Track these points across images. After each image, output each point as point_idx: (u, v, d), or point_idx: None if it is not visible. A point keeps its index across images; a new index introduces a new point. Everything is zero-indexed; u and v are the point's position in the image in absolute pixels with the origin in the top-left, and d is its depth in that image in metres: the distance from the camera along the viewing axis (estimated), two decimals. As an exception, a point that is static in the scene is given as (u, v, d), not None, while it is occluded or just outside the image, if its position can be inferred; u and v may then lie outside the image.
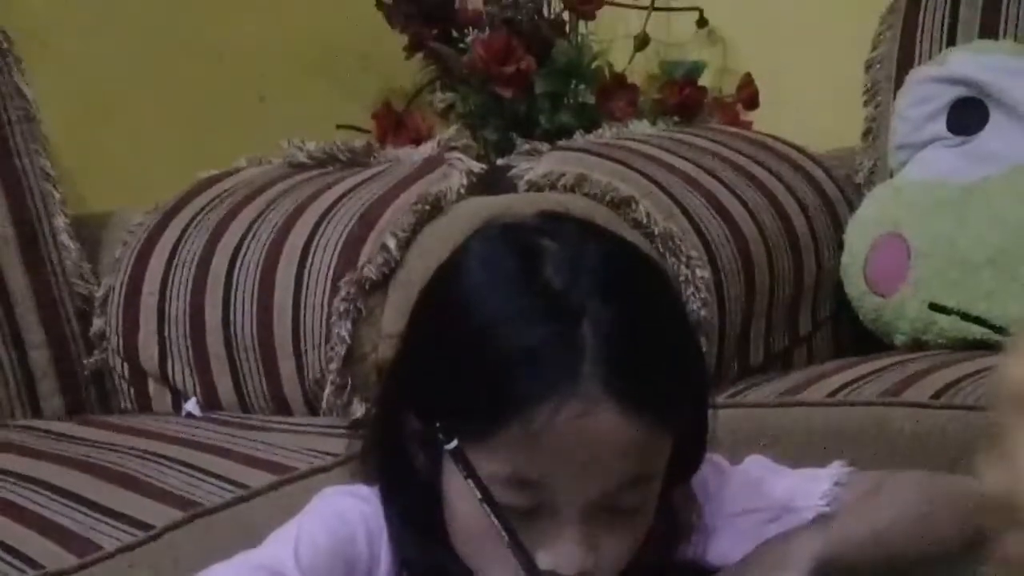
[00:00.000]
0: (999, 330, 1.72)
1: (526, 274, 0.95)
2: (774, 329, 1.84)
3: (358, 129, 2.23)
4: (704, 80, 2.29)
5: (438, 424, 0.94)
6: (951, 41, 1.94)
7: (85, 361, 1.80)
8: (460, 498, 0.95)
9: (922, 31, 1.97)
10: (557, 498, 0.94)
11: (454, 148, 1.71)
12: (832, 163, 2.00)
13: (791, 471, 1.10)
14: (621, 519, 0.96)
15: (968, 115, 1.84)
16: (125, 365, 1.78)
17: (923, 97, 1.88)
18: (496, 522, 0.93)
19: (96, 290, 1.83)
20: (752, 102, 2.25)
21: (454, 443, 0.93)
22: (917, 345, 1.82)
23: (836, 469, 1.09)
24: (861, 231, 1.87)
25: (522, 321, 0.94)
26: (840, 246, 1.90)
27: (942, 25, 1.95)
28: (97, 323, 1.81)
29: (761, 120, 2.23)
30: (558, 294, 0.94)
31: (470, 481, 0.93)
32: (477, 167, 1.67)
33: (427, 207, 1.60)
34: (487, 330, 0.94)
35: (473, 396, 0.94)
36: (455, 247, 1.00)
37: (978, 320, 1.75)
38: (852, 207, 1.93)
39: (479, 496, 0.93)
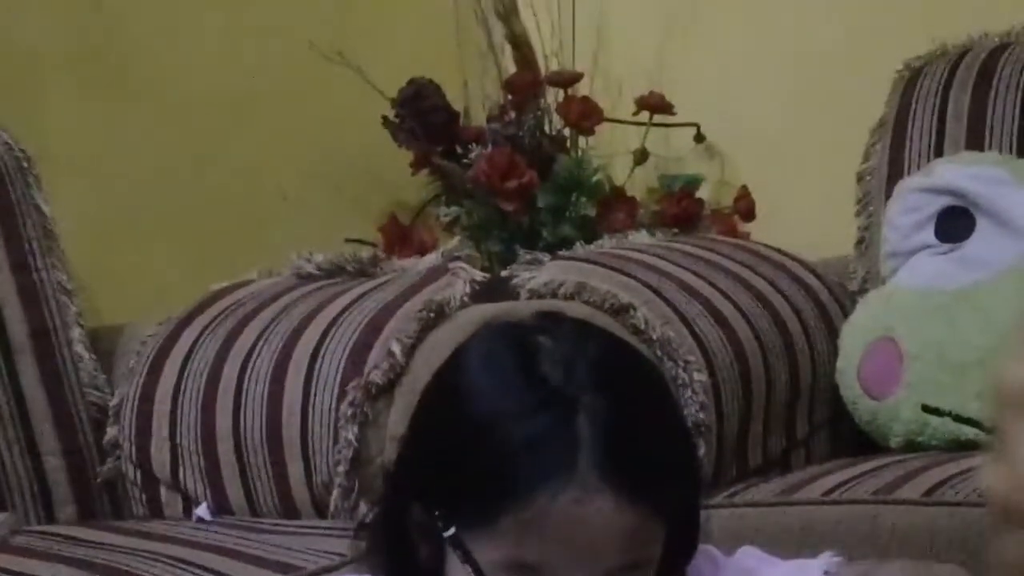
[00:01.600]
0: (991, 431, 1.76)
1: (524, 369, 1.00)
2: (771, 432, 1.88)
3: (365, 243, 2.28)
4: (702, 193, 2.34)
5: (437, 512, 0.99)
6: (938, 153, 1.99)
7: (99, 469, 1.84)
8: (462, 586, 1.00)
9: (910, 144, 2.03)
10: (555, 583, 0.98)
11: (457, 258, 1.77)
12: (826, 271, 2.05)
13: (782, 561, 1.14)
14: (618, 605, 1.00)
15: (955, 223, 1.90)
16: (138, 472, 1.82)
17: (912, 206, 1.93)
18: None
19: (110, 399, 1.87)
20: (749, 213, 2.30)
21: (452, 531, 0.97)
22: (912, 447, 1.85)
23: (826, 559, 1.13)
24: (855, 336, 1.92)
25: (521, 414, 0.99)
26: (835, 351, 1.94)
27: (929, 138, 2.01)
28: (111, 432, 1.85)
29: (758, 231, 2.27)
30: (555, 388, 0.99)
31: (468, 567, 0.98)
32: (480, 276, 1.73)
33: (431, 314, 1.65)
34: (488, 422, 0.99)
35: (475, 485, 0.99)
36: (457, 345, 1.05)
37: (970, 421, 1.79)
38: (846, 313, 1.97)
39: (479, 582, 0.97)
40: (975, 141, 1.97)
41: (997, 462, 0.64)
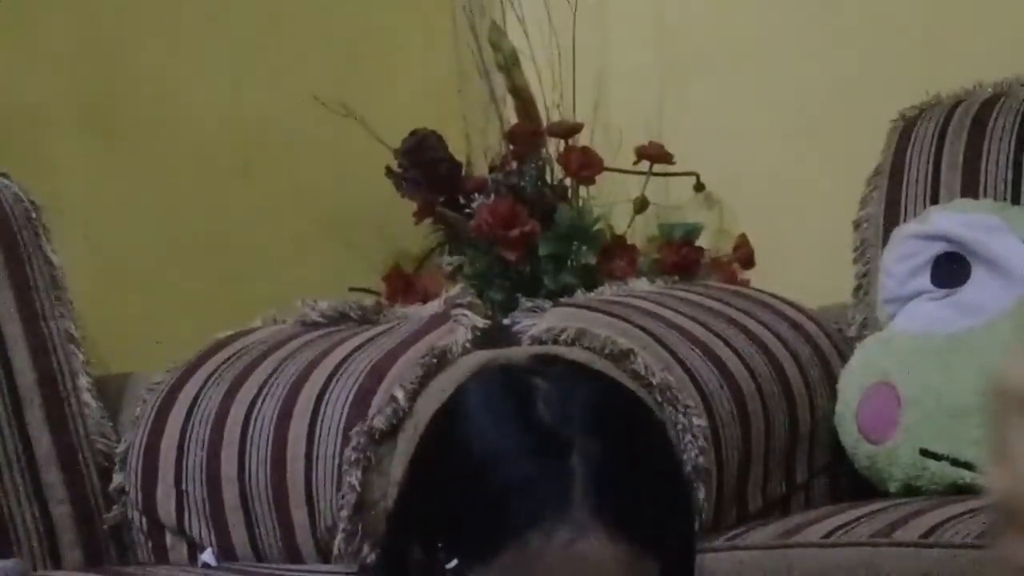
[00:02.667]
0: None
1: (520, 411, 1.03)
2: (771, 476, 1.90)
3: (369, 291, 2.31)
4: (702, 241, 2.36)
5: (440, 545, 1.01)
6: (934, 200, 2.02)
7: (105, 515, 1.86)
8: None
9: (906, 192, 2.05)
10: (551, 618, 1.00)
11: (459, 305, 1.79)
12: (825, 317, 2.07)
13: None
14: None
15: (951, 269, 1.92)
16: (143, 518, 1.84)
17: (908, 253, 1.96)
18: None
19: (117, 447, 1.89)
20: (748, 261, 2.32)
21: (455, 562, 1.00)
22: (911, 491, 1.87)
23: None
24: (853, 381, 1.94)
25: (516, 455, 1.02)
26: (834, 396, 1.96)
27: (925, 186, 2.04)
28: (117, 478, 1.88)
29: (757, 279, 2.29)
30: (549, 429, 1.02)
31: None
32: (481, 322, 1.75)
33: (434, 360, 1.67)
34: (485, 463, 1.02)
35: (473, 523, 1.01)
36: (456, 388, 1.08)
37: (967, 465, 1.81)
38: (844, 359, 1.99)
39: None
40: (970, 189, 1.99)
41: (998, 462, 0.63)
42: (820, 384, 1.97)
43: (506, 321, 1.90)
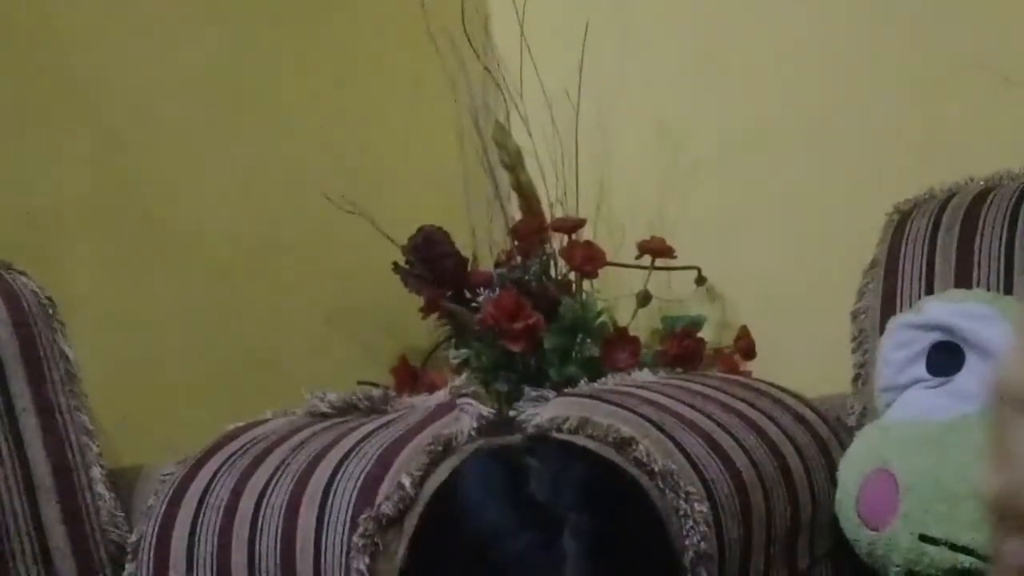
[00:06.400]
0: (986, 559, 1.80)
1: (513, 489, 1.07)
2: (773, 564, 1.92)
3: (377, 385, 2.34)
4: (704, 333, 2.39)
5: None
6: (929, 291, 2.05)
7: (117, 605, 1.89)
8: None
9: (902, 283, 2.09)
10: None
11: (465, 394, 1.83)
12: (825, 407, 2.11)
13: None
14: None
15: (946, 358, 1.95)
16: (156, 608, 1.86)
17: (904, 342, 1.99)
18: None
19: (129, 537, 1.92)
20: (749, 352, 2.36)
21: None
22: (911, 577, 1.90)
23: None
24: (852, 468, 1.97)
25: (510, 531, 1.05)
26: (834, 484, 1.99)
27: (920, 277, 2.07)
28: (128, 568, 1.90)
29: (758, 370, 2.32)
30: (542, 507, 1.06)
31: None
32: (486, 411, 1.79)
33: (440, 448, 1.71)
34: (480, 540, 1.06)
35: (472, 597, 1.05)
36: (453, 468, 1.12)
37: (966, 550, 1.83)
38: (844, 447, 2.02)
39: None
40: (963, 279, 2.03)
41: (996, 462, 0.63)
42: (820, 472, 1.99)
43: (512, 413, 1.93)
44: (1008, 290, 2.00)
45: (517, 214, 2.48)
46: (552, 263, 2.41)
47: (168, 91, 2.31)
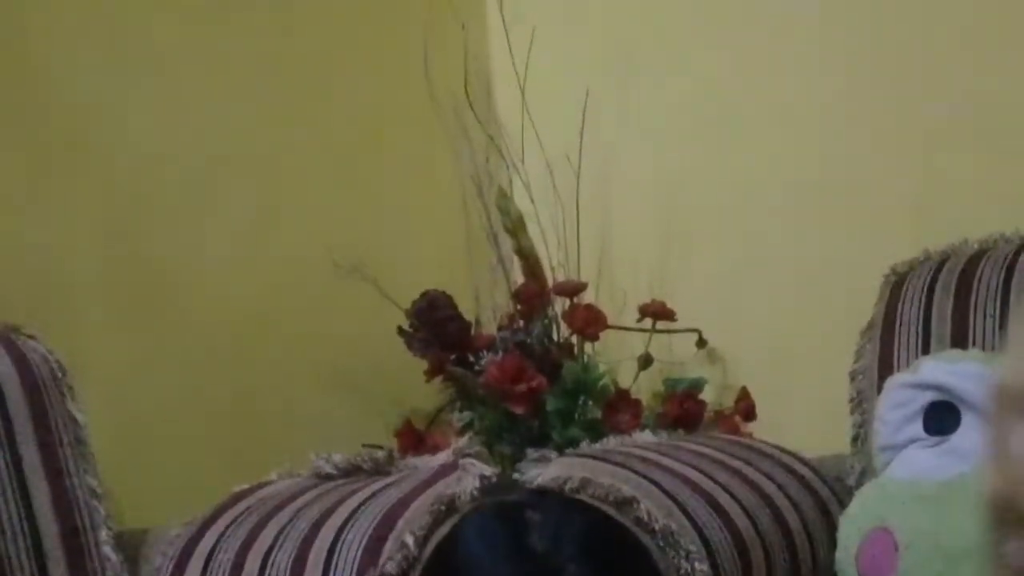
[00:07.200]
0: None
1: (514, 540, 1.10)
2: (773, 622, 1.94)
3: (382, 448, 2.35)
4: (705, 395, 2.42)
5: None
6: (925, 351, 2.07)
7: (125, 667, 1.91)
8: None
9: (899, 344, 2.11)
10: None
11: (467, 455, 1.86)
12: (824, 467, 2.13)
13: None
14: None
15: (942, 417, 1.97)
16: (163, 669, 1.88)
17: (901, 402, 2.02)
18: None
19: (136, 599, 1.95)
20: (749, 414, 2.38)
21: None
22: (911, 635, 1.91)
23: None
24: (851, 527, 1.99)
25: (511, 582, 1.08)
26: (833, 543, 2.00)
27: (917, 337, 2.10)
28: (137, 629, 1.92)
29: (759, 431, 2.33)
30: (542, 558, 1.08)
31: None
32: (489, 471, 1.81)
33: (443, 508, 1.73)
34: (483, 591, 1.08)
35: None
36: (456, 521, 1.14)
37: (964, 608, 1.85)
38: (843, 506, 2.03)
39: None
40: (959, 339, 2.06)
41: (995, 462, 0.64)
42: (820, 531, 2.01)
43: (515, 475, 1.96)
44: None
45: (519, 278, 2.51)
46: (554, 326, 2.43)
47: (177, 157, 2.35)
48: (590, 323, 2.39)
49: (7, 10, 2.20)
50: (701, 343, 2.48)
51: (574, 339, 2.42)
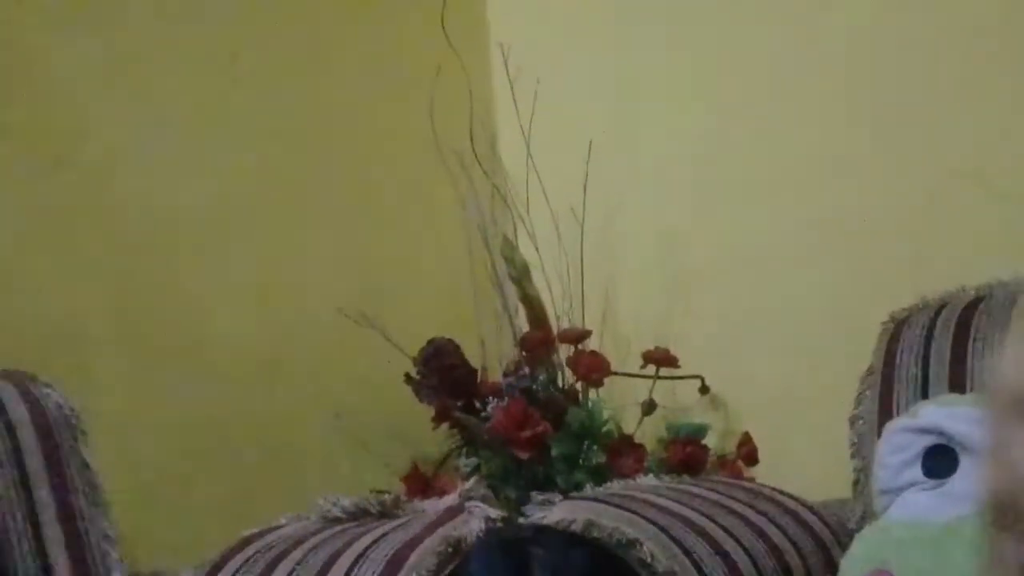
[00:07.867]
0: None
1: (517, 574, 1.12)
2: (776, 663, 1.96)
3: (389, 493, 2.38)
4: (708, 441, 2.43)
5: None
6: (924, 396, 2.10)
7: None
8: None
9: (898, 389, 2.14)
10: None
11: (473, 497, 1.88)
12: (826, 510, 2.15)
13: None
14: None
15: (940, 461, 2.00)
16: None
17: (900, 446, 2.04)
18: None
19: (148, 642, 1.97)
20: (752, 458, 2.40)
21: None
22: (912, 675, 1.93)
23: None
24: (852, 568, 2.01)
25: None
26: (835, 585, 2.03)
27: (915, 383, 2.12)
28: (148, 672, 1.95)
29: (761, 475, 2.36)
30: (546, 592, 1.11)
31: None
32: (495, 513, 1.84)
33: (449, 549, 1.76)
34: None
35: None
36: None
37: (963, 648, 1.87)
38: (844, 549, 2.05)
39: None
40: (957, 384, 2.08)
41: (994, 462, 0.64)
42: (821, 572, 2.04)
43: (521, 520, 1.98)
44: (1000, 394, 2.05)
45: (525, 326, 2.53)
46: (559, 373, 2.46)
47: (188, 209, 2.39)
48: (594, 369, 2.42)
49: (26, 66, 2.25)
50: (704, 389, 2.51)
51: (579, 385, 2.45)
